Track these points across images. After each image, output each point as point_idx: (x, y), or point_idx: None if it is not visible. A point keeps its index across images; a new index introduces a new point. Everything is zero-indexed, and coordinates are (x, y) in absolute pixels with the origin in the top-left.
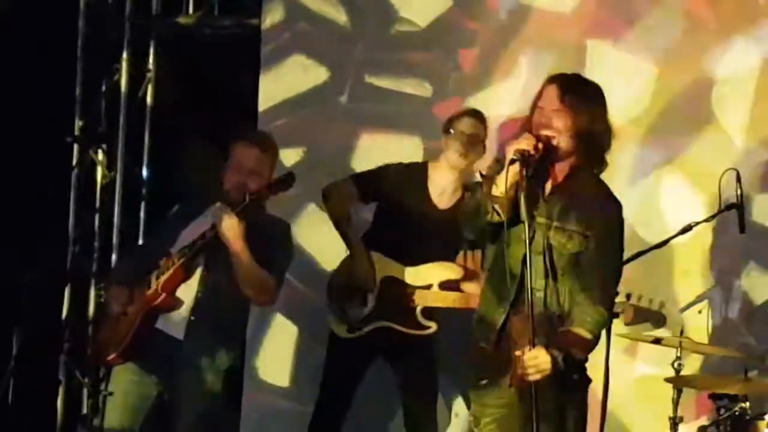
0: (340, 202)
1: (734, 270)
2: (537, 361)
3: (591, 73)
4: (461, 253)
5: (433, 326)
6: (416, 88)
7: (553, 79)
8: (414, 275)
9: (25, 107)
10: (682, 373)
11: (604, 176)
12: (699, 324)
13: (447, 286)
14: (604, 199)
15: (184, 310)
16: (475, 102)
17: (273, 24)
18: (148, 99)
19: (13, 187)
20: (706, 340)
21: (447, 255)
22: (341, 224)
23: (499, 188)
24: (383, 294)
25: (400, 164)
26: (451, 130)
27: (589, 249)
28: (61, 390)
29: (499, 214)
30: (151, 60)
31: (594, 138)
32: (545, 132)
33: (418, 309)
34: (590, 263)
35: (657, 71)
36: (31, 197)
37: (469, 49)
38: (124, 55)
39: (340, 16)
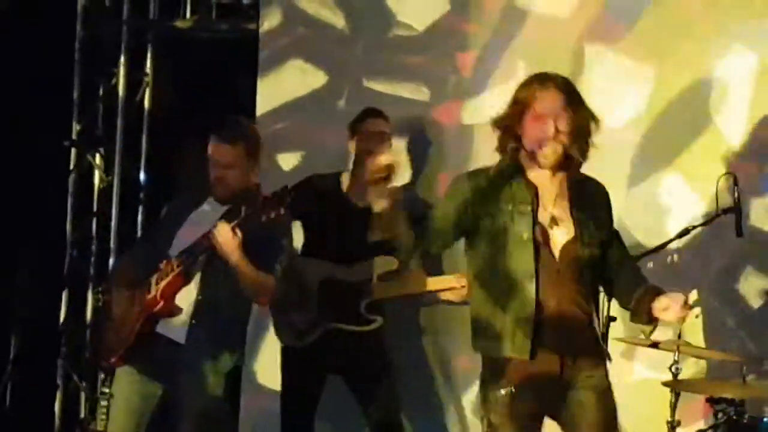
0: None
1: (732, 274)
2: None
3: (589, 77)
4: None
5: (379, 320)
6: (414, 92)
7: (544, 82)
8: (352, 273)
9: (22, 111)
10: (680, 377)
11: (602, 180)
12: (696, 328)
13: (385, 277)
14: (600, 186)
15: (184, 314)
16: (473, 105)
17: (271, 28)
18: (146, 103)
19: (10, 190)
20: (703, 344)
21: (379, 251)
22: None
23: None
24: (325, 297)
25: (311, 176)
26: (361, 130)
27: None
28: (58, 394)
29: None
30: (148, 64)
31: (585, 132)
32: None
33: (362, 304)
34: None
35: (654, 75)
36: (28, 201)
37: (467, 53)
38: (122, 59)
39: (338, 21)
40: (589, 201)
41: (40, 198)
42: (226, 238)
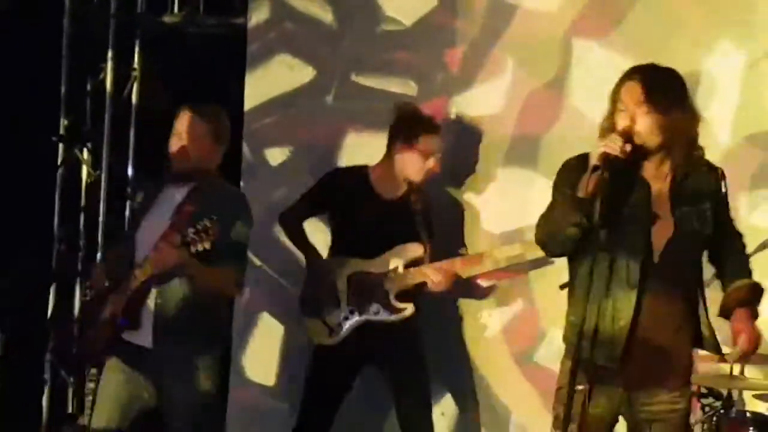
0: (294, 225)
1: None
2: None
3: (576, 72)
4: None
5: (410, 307)
6: (402, 87)
7: (631, 75)
8: (379, 265)
9: (10, 106)
10: None
11: None
12: None
13: (412, 264)
14: (708, 172)
15: (146, 319)
16: (461, 101)
17: (259, 23)
18: (134, 98)
19: None
20: None
21: (407, 240)
22: (300, 242)
23: (584, 191)
24: (354, 291)
25: (339, 169)
26: (415, 144)
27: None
28: (46, 389)
29: (588, 220)
30: (136, 59)
31: (686, 131)
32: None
33: (391, 294)
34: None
35: None
36: (16, 196)
37: (455, 48)
38: (109, 54)
39: (326, 16)
40: (693, 194)
41: (28, 193)
42: (167, 253)
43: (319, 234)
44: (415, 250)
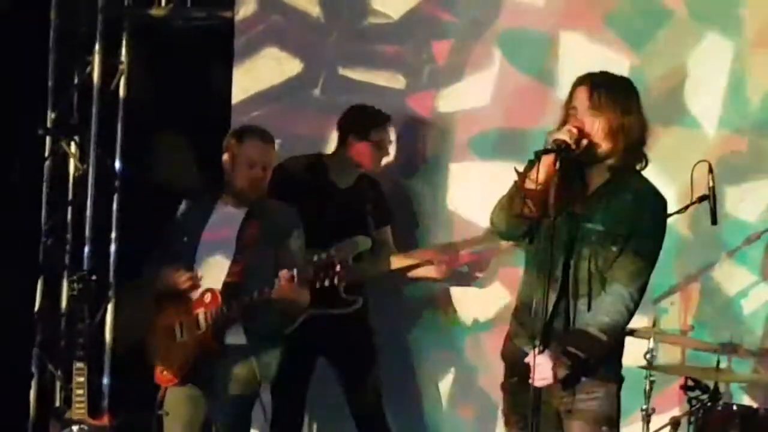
0: None
1: (707, 262)
2: (540, 368)
3: (564, 66)
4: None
5: (359, 300)
6: (390, 80)
7: (581, 81)
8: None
9: None
10: (655, 365)
11: None
12: (672, 316)
13: (359, 257)
14: (647, 196)
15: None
16: (448, 94)
17: (246, 16)
18: (121, 91)
19: None
20: (678, 332)
21: (357, 232)
22: None
23: (534, 180)
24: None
25: (293, 158)
26: (366, 138)
27: (629, 249)
28: (33, 383)
29: (531, 210)
30: (123, 52)
31: (630, 135)
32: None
33: (340, 287)
34: (627, 261)
35: (630, 63)
36: (2, 189)
37: (443, 41)
38: (97, 47)
39: (314, 9)
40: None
41: (15, 186)
42: (289, 290)
43: None
44: (365, 243)
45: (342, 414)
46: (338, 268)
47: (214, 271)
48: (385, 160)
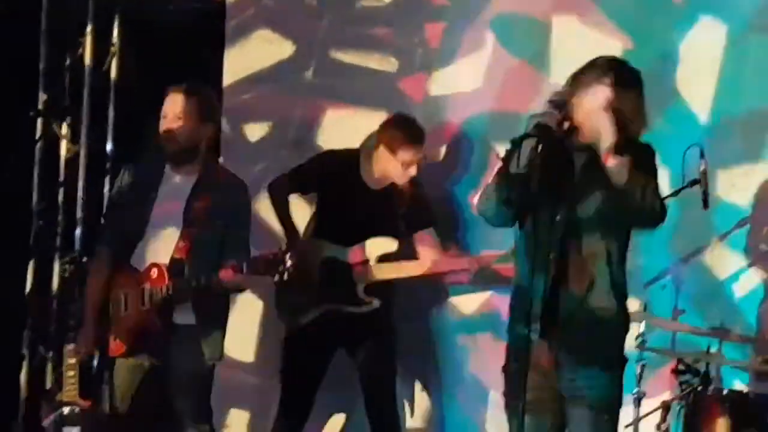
0: (281, 197)
1: (698, 246)
2: None
3: (556, 50)
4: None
5: (375, 302)
6: (382, 63)
7: (603, 69)
8: (353, 254)
9: None
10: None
11: None
12: (663, 300)
13: (384, 259)
14: (635, 150)
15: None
16: (440, 77)
17: None
18: (113, 73)
19: None
20: (669, 316)
21: (385, 234)
22: (283, 217)
23: (521, 163)
24: (325, 277)
25: (332, 151)
26: (395, 154)
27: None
28: (24, 364)
29: (517, 194)
30: (115, 34)
31: (630, 125)
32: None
33: (360, 286)
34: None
35: (622, 47)
36: None
37: (435, 24)
38: (88, 28)
39: None
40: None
41: (6, 168)
42: (238, 280)
43: (299, 211)
44: (390, 245)
45: (352, 398)
46: (289, 264)
47: (164, 244)
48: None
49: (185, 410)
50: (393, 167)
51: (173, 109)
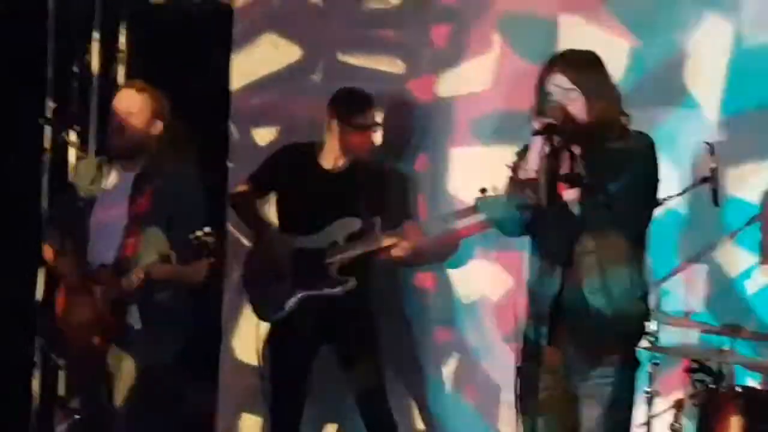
0: (241, 205)
1: (709, 244)
2: None
3: (563, 49)
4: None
5: (352, 281)
6: (389, 65)
7: (552, 64)
8: (320, 239)
9: None
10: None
11: None
12: (674, 298)
13: (351, 237)
14: (632, 143)
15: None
16: (447, 78)
17: (245, 2)
18: (120, 78)
19: None
20: (681, 314)
21: (348, 215)
22: (249, 219)
23: (529, 168)
24: (297, 266)
25: (288, 145)
26: (349, 122)
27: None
28: (36, 372)
29: (532, 198)
30: (122, 39)
31: (610, 106)
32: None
33: (333, 267)
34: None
35: (629, 46)
36: (2, 180)
37: (442, 26)
38: (95, 34)
39: None
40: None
41: (15, 176)
42: (170, 271)
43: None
44: (354, 224)
45: (344, 398)
46: (210, 240)
47: (110, 243)
48: (373, 143)
49: None
50: (351, 138)
51: (124, 104)
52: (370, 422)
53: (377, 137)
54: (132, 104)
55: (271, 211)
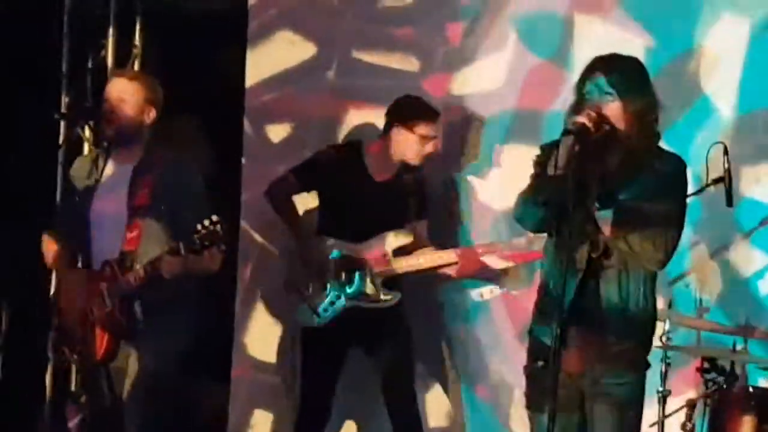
0: (282, 197)
1: (723, 243)
2: None
3: (579, 48)
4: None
5: (396, 295)
6: (404, 62)
7: (594, 66)
8: (367, 250)
9: (10, 84)
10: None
11: None
12: (687, 298)
13: (400, 252)
14: (665, 162)
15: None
16: (461, 76)
17: None
18: None
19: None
20: (694, 314)
21: (394, 225)
22: (287, 217)
23: (559, 166)
24: (341, 275)
25: (333, 146)
26: (412, 130)
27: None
28: (49, 367)
29: (556, 194)
30: (137, 35)
31: (647, 116)
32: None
33: (378, 281)
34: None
35: (644, 45)
36: (17, 175)
37: (457, 23)
38: (110, 30)
39: None
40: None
41: (30, 172)
42: (179, 265)
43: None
44: (404, 238)
45: (373, 401)
46: (219, 228)
47: (113, 238)
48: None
49: None
50: (410, 145)
51: (117, 91)
52: (399, 423)
53: (433, 148)
54: (124, 92)
55: (308, 207)
